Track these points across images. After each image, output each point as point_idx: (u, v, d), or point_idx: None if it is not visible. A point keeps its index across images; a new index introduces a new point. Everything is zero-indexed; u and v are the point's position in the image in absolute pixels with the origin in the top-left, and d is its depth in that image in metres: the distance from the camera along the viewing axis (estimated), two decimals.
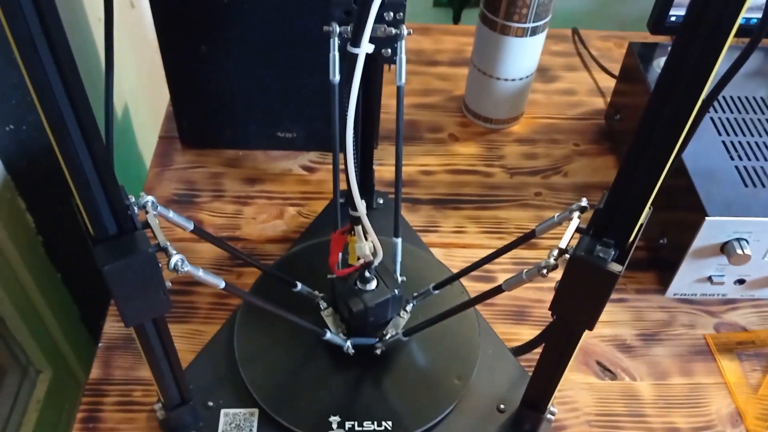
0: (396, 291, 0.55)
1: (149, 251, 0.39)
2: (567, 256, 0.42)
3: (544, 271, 0.43)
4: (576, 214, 0.45)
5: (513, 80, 0.80)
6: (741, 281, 0.67)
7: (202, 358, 0.60)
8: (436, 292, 0.60)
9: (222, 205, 0.75)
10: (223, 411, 0.57)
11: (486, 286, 0.68)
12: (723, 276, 0.66)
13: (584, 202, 0.46)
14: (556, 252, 0.43)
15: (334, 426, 0.56)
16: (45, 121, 0.33)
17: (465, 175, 0.80)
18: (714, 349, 0.65)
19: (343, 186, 0.48)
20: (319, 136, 0.79)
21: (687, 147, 0.43)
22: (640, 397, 0.61)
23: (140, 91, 1.02)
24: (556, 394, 0.53)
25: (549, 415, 0.56)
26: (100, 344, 0.63)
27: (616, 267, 0.40)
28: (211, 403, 0.58)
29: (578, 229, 0.44)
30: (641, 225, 0.41)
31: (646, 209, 0.39)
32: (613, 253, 0.41)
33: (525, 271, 0.46)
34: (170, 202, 0.75)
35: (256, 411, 0.57)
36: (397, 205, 0.54)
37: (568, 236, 0.44)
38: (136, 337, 0.46)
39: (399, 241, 0.56)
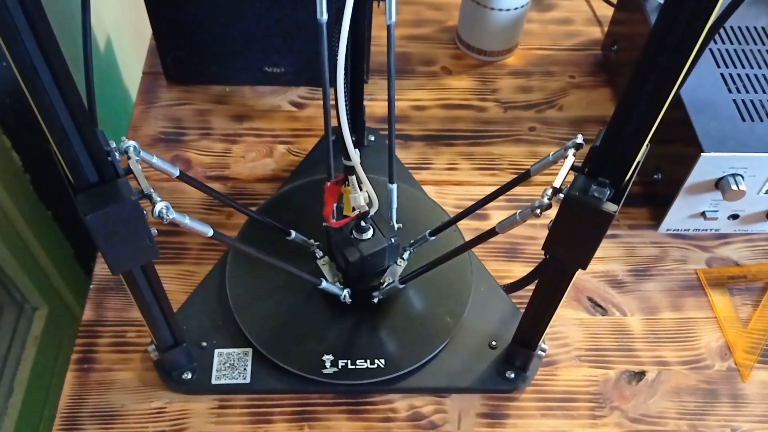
0: (392, 240, 0.55)
1: (132, 199, 0.38)
2: (561, 195, 0.41)
3: (538, 211, 0.43)
4: (571, 151, 0.44)
5: (508, 10, 0.77)
6: (735, 216, 0.66)
7: (194, 299, 0.60)
8: (432, 238, 0.59)
9: (210, 144, 0.74)
10: (216, 351, 0.58)
11: (479, 224, 0.68)
12: (717, 211, 0.65)
13: (580, 139, 0.45)
14: (550, 191, 0.42)
15: (327, 365, 0.56)
16: (15, 69, 0.31)
17: (458, 109, 0.78)
18: (705, 284, 0.65)
19: (334, 124, 0.47)
20: (308, 71, 0.77)
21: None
22: (630, 331, 0.62)
23: (124, 22, 0.98)
24: (547, 330, 0.53)
25: (540, 352, 0.57)
26: (91, 286, 0.62)
27: (611, 207, 0.40)
28: (204, 344, 0.58)
29: (573, 167, 0.43)
30: (638, 163, 0.39)
31: (644, 146, 0.38)
32: (608, 192, 0.40)
33: (518, 212, 0.45)
34: (157, 141, 0.73)
35: (249, 350, 0.58)
36: (391, 151, 0.52)
37: (562, 175, 0.42)
38: (124, 282, 0.46)
39: (394, 187, 0.55)
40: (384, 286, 0.57)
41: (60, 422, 0.55)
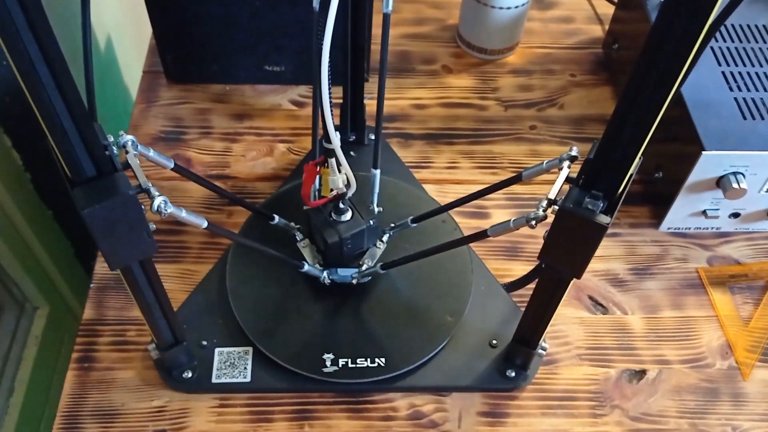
0: (371, 222, 0.55)
1: (129, 193, 0.38)
2: (556, 207, 0.42)
3: (533, 222, 0.43)
4: (566, 163, 0.45)
5: (508, 8, 0.77)
6: (736, 215, 0.66)
7: (195, 298, 0.60)
8: (414, 225, 0.59)
9: (210, 143, 0.74)
10: (217, 350, 0.58)
11: (478, 222, 0.68)
12: (718, 210, 0.65)
13: (575, 151, 0.45)
14: (545, 203, 0.43)
15: (328, 363, 0.56)
16: (15, 69, 0.31)
17: (458, 108, 0.78)
18: (706, 283, 0.65)
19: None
20: (308, 70, 0.77)
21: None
22: (631, 330, 0.62)
23: (124, 22, 0.98)
24: (547, 329, 0.53)
25: (540, 350, 0.57)
26: (91, 284, 0.62)
27: (604, 219, 0.40)
28: (204, 342, 0.58)
29: (568, 179, 0.43)
30: (631, 176, 0.40)
31: (637, 159, 0.39)
32: (601, 204, 0.40)
33: (513, 220, 0.45)
34: (157, 140, 0.73)
35: (250, 349, 0.58)
36: (377, 137, 0.52)
37: (557, 187, 0.43)
38: (124, 279, 0.46)
39: (377, 172, 0.55)
40: (364, 268, 0.57)
41: (60, 421, 0.55)
